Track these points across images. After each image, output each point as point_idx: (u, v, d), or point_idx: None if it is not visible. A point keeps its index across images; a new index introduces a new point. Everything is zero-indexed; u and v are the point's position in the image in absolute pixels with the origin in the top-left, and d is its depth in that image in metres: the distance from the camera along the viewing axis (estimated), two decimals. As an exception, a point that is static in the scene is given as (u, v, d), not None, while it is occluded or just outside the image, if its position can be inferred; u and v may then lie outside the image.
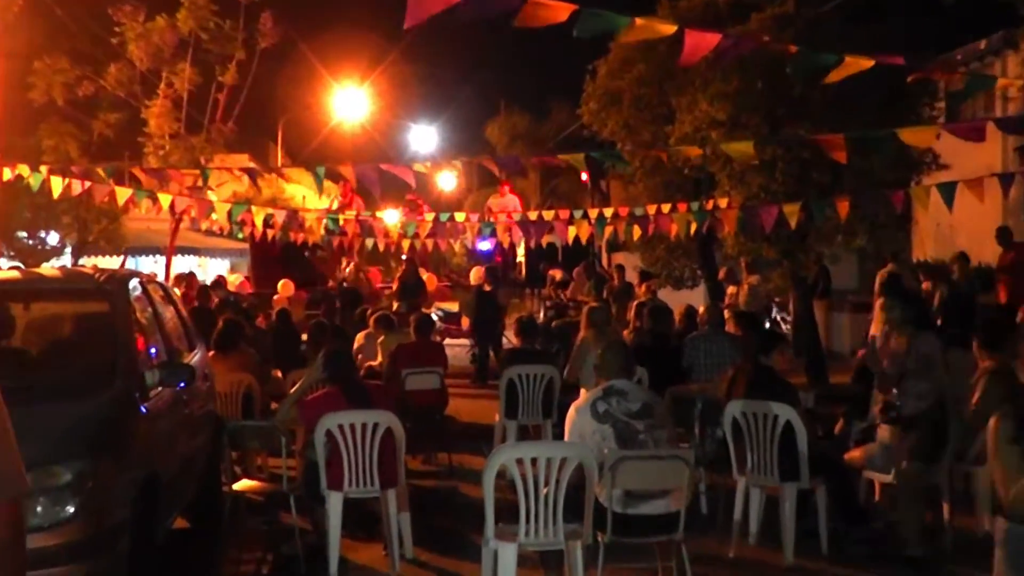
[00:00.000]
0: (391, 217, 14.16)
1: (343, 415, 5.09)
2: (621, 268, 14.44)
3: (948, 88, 11.27)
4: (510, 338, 10.58)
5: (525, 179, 32.63)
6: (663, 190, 13.34)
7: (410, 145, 30.72)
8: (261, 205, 12.64)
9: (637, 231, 11.54)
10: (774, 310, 14.21)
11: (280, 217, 11.25)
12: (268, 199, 18.89)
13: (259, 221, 11.04)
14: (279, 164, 24.06)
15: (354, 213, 13.58)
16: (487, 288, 12.63)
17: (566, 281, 14.85)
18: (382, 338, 8.69)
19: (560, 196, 30.99)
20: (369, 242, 13.43)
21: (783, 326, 13.90)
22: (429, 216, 12.87)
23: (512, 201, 16.45)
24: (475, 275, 14.70)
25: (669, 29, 4.74)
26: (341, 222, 12.85)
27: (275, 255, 15.44)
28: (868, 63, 4.99)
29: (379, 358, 8.51)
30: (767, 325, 12.50)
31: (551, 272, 13.58)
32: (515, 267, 16.95)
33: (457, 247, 16.17)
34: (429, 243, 13.79)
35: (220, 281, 13.18)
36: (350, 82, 24.01)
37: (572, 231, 11.11)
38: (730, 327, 8.15)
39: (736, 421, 5.39)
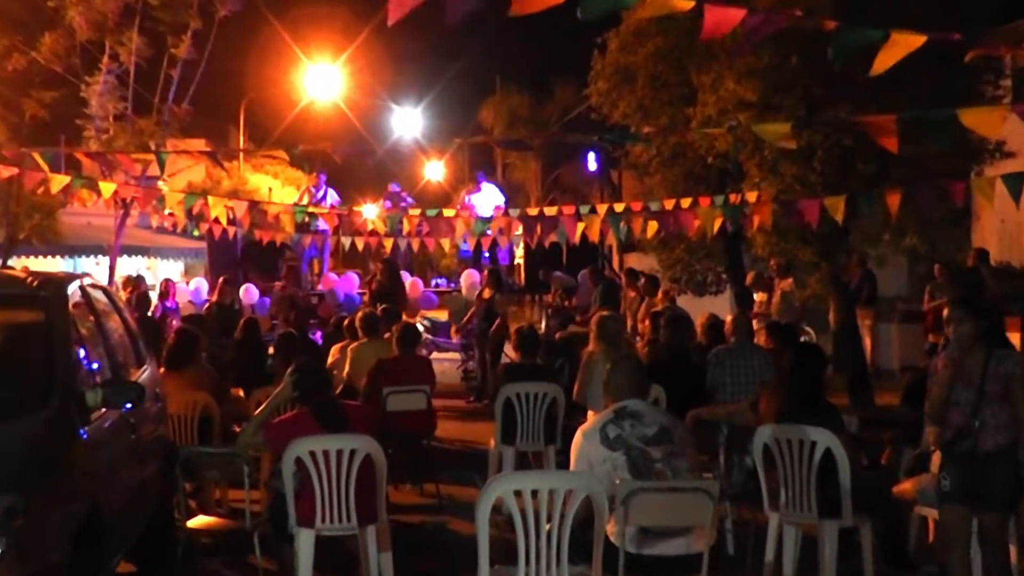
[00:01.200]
0: (371, 212, 14.20)
1: (315, 440, 5.09)
2: (634, 273, 14.49)
3: (1015, 64, 11.28)
4: (508, 352, 10.59)
5: (523, 169, 32.72)
6: (683, 182, 13.37)
7: (392, 130, 30.70)
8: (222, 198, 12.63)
9: (653, 228, 11.57)
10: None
11: (241, 211, 11.27)
12: (229, 191, 18.91)
13: (221, 215, 11.03)
14: (242, 148, 24.12)
15: (327, 208, 13.63)
16: (487, 295, 12.68)
17: (571, 287, 14.88)
18: (355, 344, 8.69)
19: (564, 189, 31.06)
20: (346, 241, 13.46)
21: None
22: (414, 211, 12.88)
23: (492, 194, 16.54)
24: (467, 279, 14.72)
25: (686, 4, 4.74)
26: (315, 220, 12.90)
27: (237, 256, 15.45)
28: (919, 40, 4.96)
29: (346, 367, 8.50)
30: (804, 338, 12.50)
31: (556, 276, 13.67)
32: (513, 271, 16.97)
33: (447, 247, 16.21)
34: (415, 242, 13.82)
35: (168, 289, 13.15)
36: (323, 58, 24.00)
37: (580, 228, 11.13)
38: (760, 340, 8.15)
39: (767, 448, 5.39)
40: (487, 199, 15.96)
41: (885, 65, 5.07)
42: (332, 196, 15.64)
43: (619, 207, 11.90)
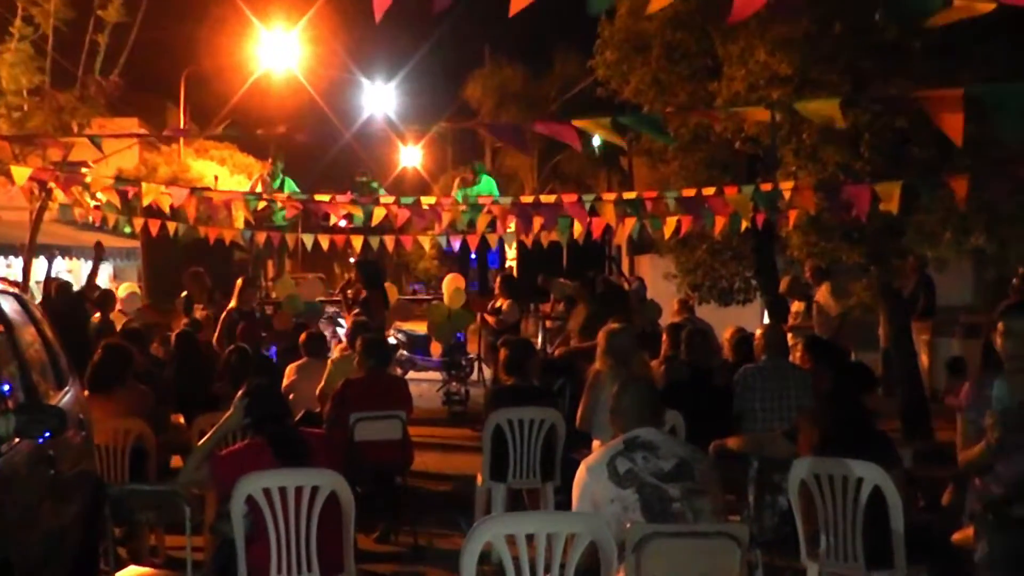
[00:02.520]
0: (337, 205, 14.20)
1: (270, 476, 5.09)
2: (642, 281, 14.55)
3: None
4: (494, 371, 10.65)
5: (516, 155, 32.74)
6: (705, 170, 13.43)
7: (361, 109, 30.71)
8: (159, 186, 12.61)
9: (670, 225, 11.61)
10: None
11: (181, 199, 11.27)
12: (167, 178, 18.92)
13: (163, 202, 11.01)
14: (183, 130, 24.03)
15: (286, 196, 13.62)
16: (501, 304, 12.71)
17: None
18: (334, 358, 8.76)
19: (565, 178, 31.16)
20: (308, 239, 13.45)
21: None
22: (387, 199, 12.88)
23: (490, 186, 16.56)
24: (450, 284, 14.73)
25: None
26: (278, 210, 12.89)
27: (177, 257, 15.43)
28: (988, 6, 4.96)
29: (321, 383, 8.59)
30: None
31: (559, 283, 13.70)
32: (507, 276, 16.99)
33: (427, 246, 16.22)
34: (389, 240, 13.83)
35: (108, 296, 13.12)
36: (279, 22, 24.07)
37: (585, 221, 11.17)
38: (797, 357, 8.18)
39: (805, 485, 5.41)
40: (484, 193, 15.95)
41: (943, 21, 5.03)
42: (290, 186, 15.63)
43: (630, 198, 11.90)
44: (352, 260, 17.51)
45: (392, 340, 16.03)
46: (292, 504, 5.07)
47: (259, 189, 15.78)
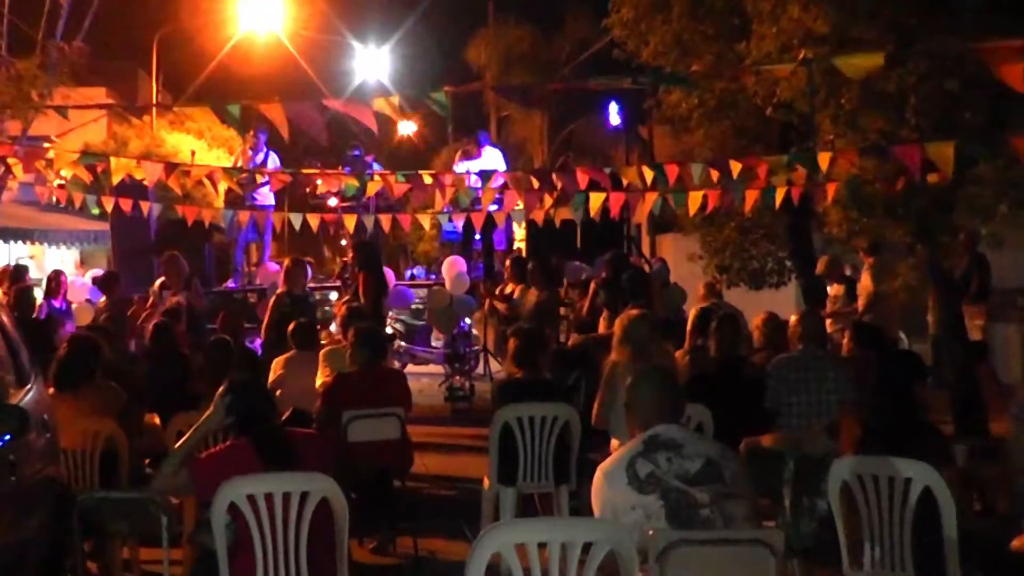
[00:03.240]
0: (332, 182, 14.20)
1: (255, 481, 5.09)
2: (664, 263, 14.49)
3: None
4: (501, 363, 10.65)
5: (525, 125, 32.70)
6: (733, 139, 13.40)
7: (353, 75, 30.64)
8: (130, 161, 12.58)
9: (696, 200, 11.58)
10: None
11: (155, 174, 11.25)
12: (139, 153, 18.90)
13: (136, 174, 11.00)
14: (155, 100, 24.07)
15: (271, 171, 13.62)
16: (511, 290, 12.69)
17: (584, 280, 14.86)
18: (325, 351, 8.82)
19: (579, 149, 31.11)
20: (296, 220, 13.45)
21: None
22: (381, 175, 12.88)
23: (496, 162, 16.52)
24: (450, 269, 14.73)
25: None
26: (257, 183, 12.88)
27: (150, 240, 15.44)
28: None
29: (321, 376, 8.64)
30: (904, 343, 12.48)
31: (574, 266, 13.61)
32: (516, 259, 16.98)
33: (427, 225, 16.22)
34: (386, 220, 13.83)
35: (58, 284, 13.09)
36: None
37: (595, 199, 11.15)
38: (844, 346, 8.16)
39: (847, 487, 5.39)
40: (489, 168, 15.89)
41: None
42: (274, 161, 15.63)
43: (650, 172, 11.85)
44: (344, 243, 17.45)
45: (389, 330, 16.04)
46: (279, 512, 5.05)
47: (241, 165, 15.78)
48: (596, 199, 11.72)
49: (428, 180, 12.33)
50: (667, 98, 14.08)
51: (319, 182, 14.10)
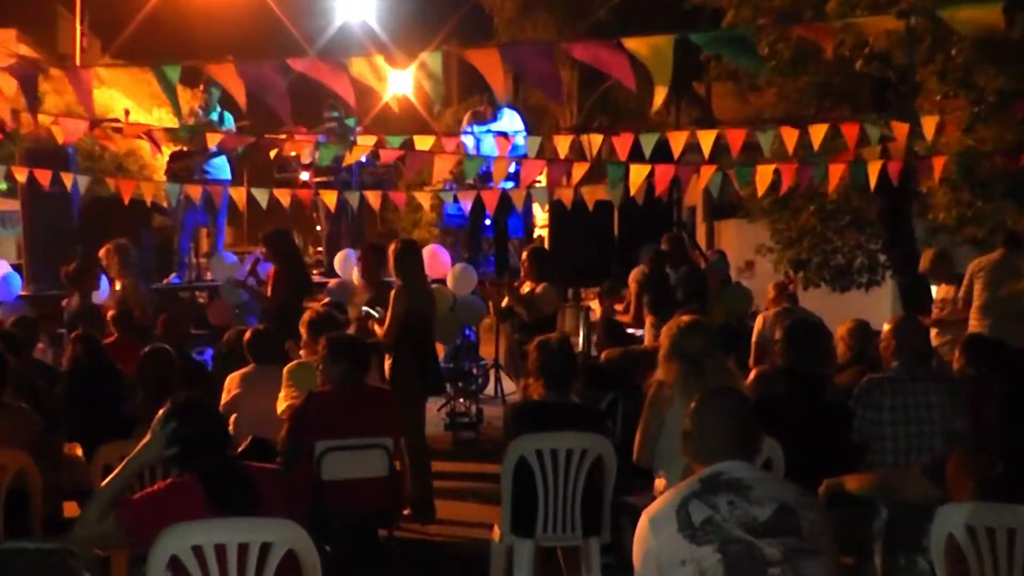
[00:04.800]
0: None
1: (204, 528, 5.09)
2: (723, 256, 14.44)
3: None
4: (516, 381, 10.63)
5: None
6: (814, 100, 13.38)
7: (331, 20, 30.59)
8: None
9: (765, 177, 11.54)
10: None
11: (77, 133, 11.23)
12: (60, 111, 18.92)
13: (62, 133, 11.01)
14: (80, 50, 24.15)
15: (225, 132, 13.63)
16: (532, 288, 12.68)
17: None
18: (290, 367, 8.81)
19: (616, 111, 31.07)
20: (261, 197, 13.44)
21: None
22: (366, 139, 12.86)
23: (513, 121, 16.51)
24: (431, 261, 14.74)
25: None
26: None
27: (73, 223, 15.47)
28: None
29: (284, 399, 8.63)
30: None
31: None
32: (538, 250, 16.97)
33: (426, 205, 16.19)
34: (374, 197, 13.82)
35: None
36: None
37: (637, 172, 11.11)
38: (955, 363, 8.13)
39: (957, 543, 5.37)
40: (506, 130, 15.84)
41: None
42: (229, 123, 15.66)
43: (707, 139, 11.80)
44: (319, 229, 17.50)
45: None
46: (234, 568, 5.05)
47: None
48: (638, 173, 11.65)
49: (426, 147, 12.29)
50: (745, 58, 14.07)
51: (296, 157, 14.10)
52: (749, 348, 10.24)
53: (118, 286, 12.45)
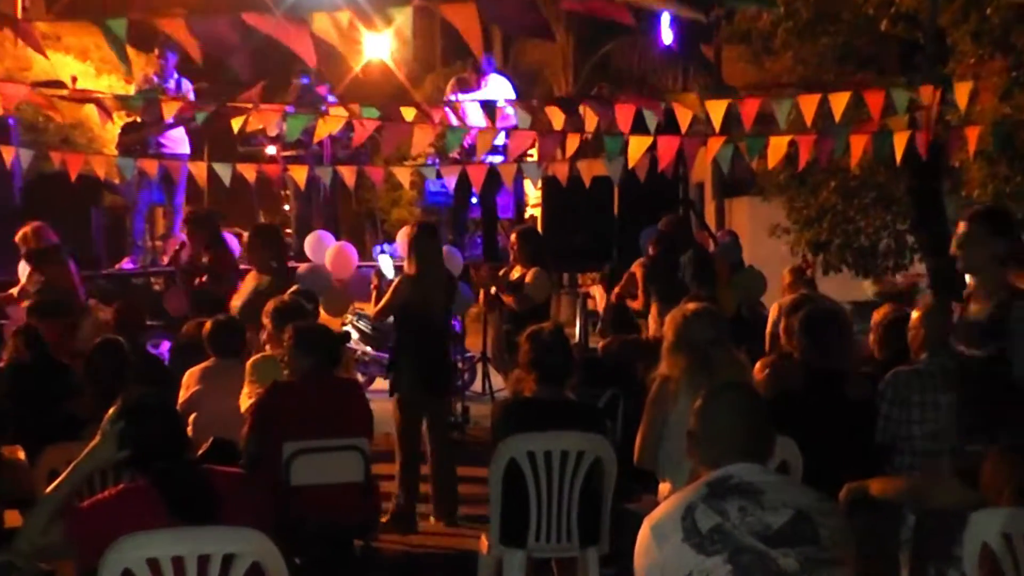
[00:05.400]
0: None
1: (160, 539, 5.10)
2: (735, 237, 14.43)
3: None
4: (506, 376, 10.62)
5: (542, 46, 32.59)
6: (834, 65, 13.37)
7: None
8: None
9: (779, 148, 11.52)
10: None
11: (17, 98, 11.21)
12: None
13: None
14: (22, 8, 24.05)
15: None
16: (521, 272, 12.66)
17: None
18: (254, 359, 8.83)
19: (617, 77, 31.02)
20: (223, 173, 13.41)
21: None
22: (336, 111, 12.83)
23: (502, 89, 16.47)
24: (402, 242, 14.74)
25: None
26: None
27: (14, 202, 15.44)
28: None
29: (248, 396, 8.63)
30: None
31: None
32: (529, 231, 16.97)
33: (406, 183, 16.18)
34: (347, 173, 13.79)
35: None
36: None
37: (637, 144, 11.08)
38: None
39: (991, 552, 5.37)
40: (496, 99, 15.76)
41: None
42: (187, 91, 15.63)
43: (717, 109, 11.81)
44: (287, 208, 17.49)
45: (349, 329, 16.04)
46: (193, 582, 5.06)
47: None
48: (639, 144, 11.62)
49: (408, 117, 12.26)
50: (742, 8, 14.06)
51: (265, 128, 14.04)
52: (763, 338, 10.20)
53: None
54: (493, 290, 12.51)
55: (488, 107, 13.28)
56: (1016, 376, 6.75)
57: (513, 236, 12.81)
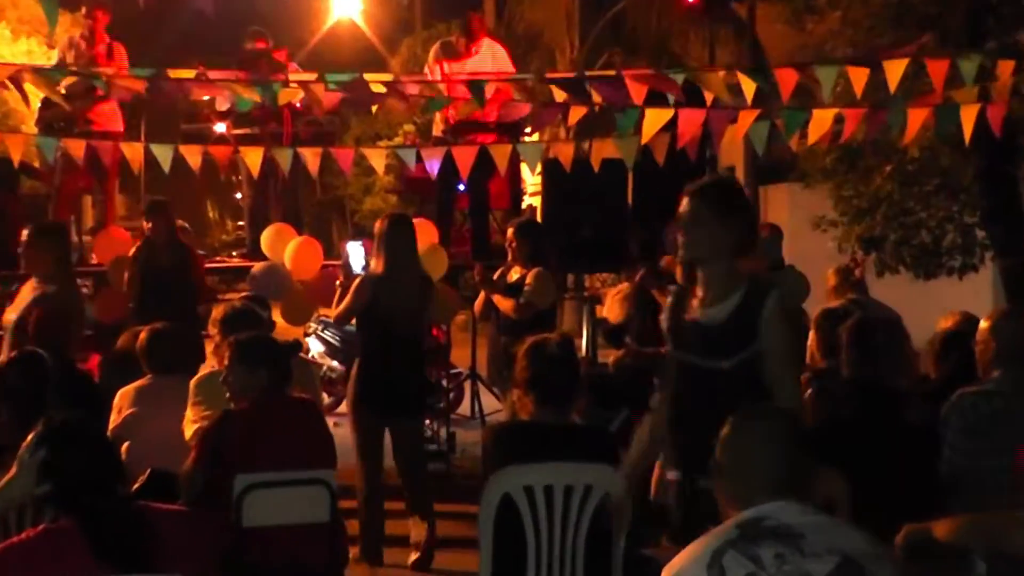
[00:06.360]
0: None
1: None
2: (776, 232, 14.46)
3: None
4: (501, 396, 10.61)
5: (542, 5, 32.70)
6: (888, 29, 13.39)
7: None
8: None
9: (822, 124, 11.52)
10: None
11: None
12: None
13: None
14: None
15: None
16: (521, 273, 12.67)
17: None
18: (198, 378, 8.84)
19: (630, 44, 31.09)
20: (161, 154, 13.42)
21: None
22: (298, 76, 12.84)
23: (496, 56, 16.47)
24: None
25: None
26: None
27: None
28: None
29: (192, 421, 8.64)
30: None
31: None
32: (528, 224, 17.00)
33: (380, 166, 16.20)
34: (310, 156, 13.81)
35: None
36: None
37: (654, 118, 11.08)
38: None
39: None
40: (481, 65, 15.72)
41: None
42: (122, 60, 15.61)
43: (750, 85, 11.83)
44: (239, 196, 17.48)
45: (313, 341, 16.01)
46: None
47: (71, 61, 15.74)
48: (656, 118, 11.60)
49: (379, 88, 12.26)
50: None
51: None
52: (804, 350, 10.21)
53: None
54: (480, 300, 12.53)
55: (476, 87, 13.24)
56: None
57: (510, 231, 12.78)
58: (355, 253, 13.60)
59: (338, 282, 11.63)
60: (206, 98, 14.88)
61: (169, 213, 13.97)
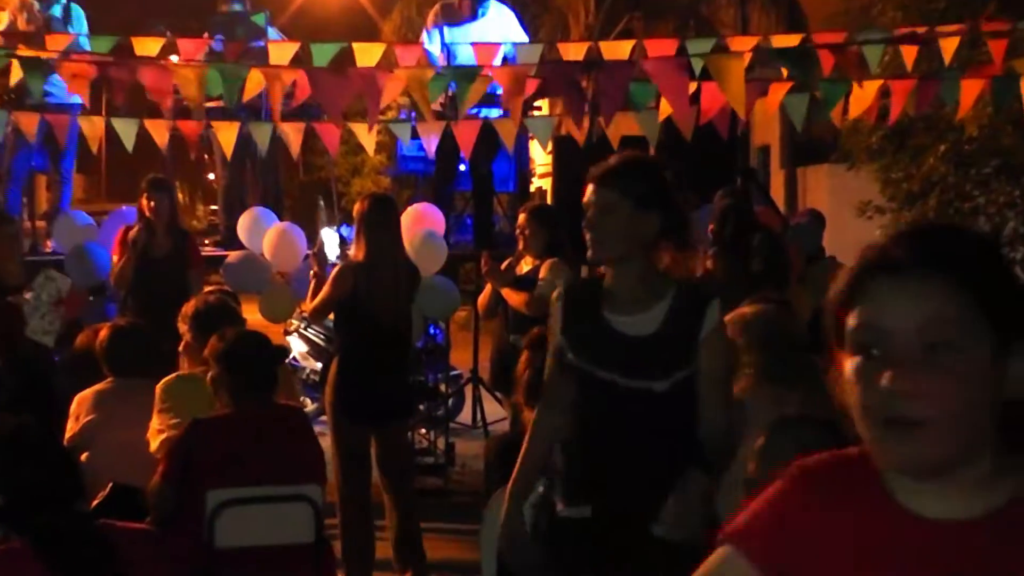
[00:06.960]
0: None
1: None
2: (817, 218, 14.44)
3: None
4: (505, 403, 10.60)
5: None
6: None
7: None
8: None
9: (865, 99, 11.50)
10: None
11: None
12: None
13: None
14: None
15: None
16: (534, 264, 12.65)
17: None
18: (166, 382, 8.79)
19: (652, 10, 31.13)
20: (126, 132, 13.41)
21: None
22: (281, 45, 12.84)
23: (508, 27, 16.46)
24: (412, 223, 14.73)
25: None
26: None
27: None
28: None
29: (159, 430, 8.61)
30: None
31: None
32: (543, 210, 17.01)
33: (370, 145, 16.19)
34: (291, 132, 13.80)
35: None
36: None
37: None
38: None
39: None
40: (484, 33, 15.70)
41: None
42: (82, 22, 15.61)
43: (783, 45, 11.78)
44: (212, 178, 17.47)
45: (295, 340, 16.03)
46: None
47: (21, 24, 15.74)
48: (669, 98, 11.58)
49: (371, 60, 12.26)
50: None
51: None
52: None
53: None
54: (485, 294, 12.51)
55: (482, 53, 13.21)
56: None
57: (522, 217, 12.73)
58: (330, 241, 13.58)
59: (312, 272, 11.51)
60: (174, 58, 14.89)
61: (173, 192, 13.94)
